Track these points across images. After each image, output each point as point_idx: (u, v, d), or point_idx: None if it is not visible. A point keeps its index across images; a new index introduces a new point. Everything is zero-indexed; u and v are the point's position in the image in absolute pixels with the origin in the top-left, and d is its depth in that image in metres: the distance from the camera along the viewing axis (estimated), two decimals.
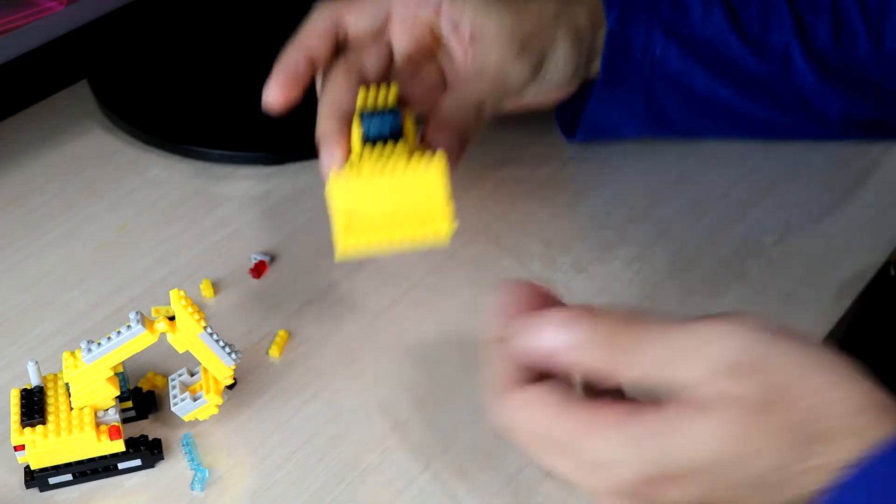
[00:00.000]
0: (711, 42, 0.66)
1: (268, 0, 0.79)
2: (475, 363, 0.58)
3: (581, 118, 0.68)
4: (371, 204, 0.49)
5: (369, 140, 0.52)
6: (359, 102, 0.54)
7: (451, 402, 0.56)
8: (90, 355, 0.49)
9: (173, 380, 0.54)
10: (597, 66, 0.64)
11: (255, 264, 0.63)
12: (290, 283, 0.62)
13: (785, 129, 0.70)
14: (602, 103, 0.66)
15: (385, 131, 0.52)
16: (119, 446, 0.51)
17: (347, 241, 0.49)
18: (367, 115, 0.52)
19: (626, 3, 0.64)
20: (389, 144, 0.51)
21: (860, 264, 0.64)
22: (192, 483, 0.52)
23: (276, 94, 0.57)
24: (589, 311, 0.42)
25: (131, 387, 0.55)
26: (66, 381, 0.50)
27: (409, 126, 0.53)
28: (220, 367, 0.52)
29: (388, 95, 0.54)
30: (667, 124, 0.69)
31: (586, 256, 0.64)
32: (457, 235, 0.50)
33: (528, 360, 0.42)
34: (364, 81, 0.57)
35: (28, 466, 0.52)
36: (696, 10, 0.65)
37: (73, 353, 0.50)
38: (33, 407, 0.51)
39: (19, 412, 0.50)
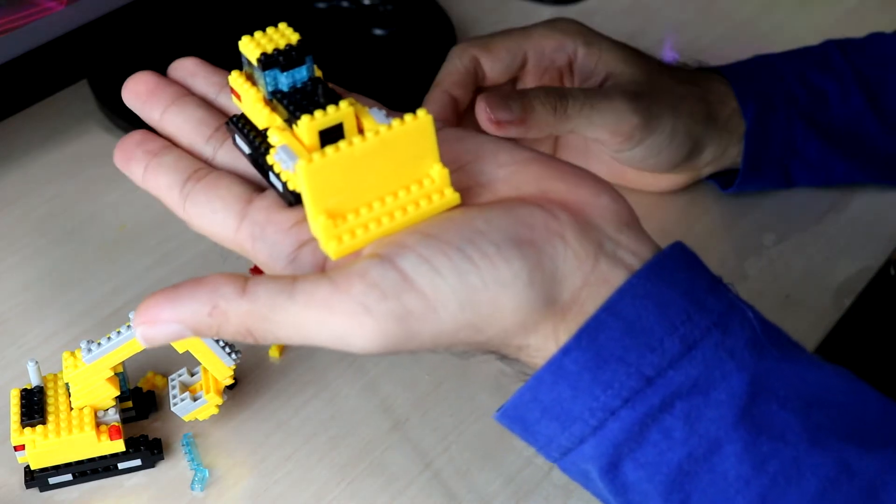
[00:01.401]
0: (850, 126, 0.63)
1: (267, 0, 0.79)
2: (475, 363, 0.58)
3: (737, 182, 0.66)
4: (353, 183, 0.39)
5: (278, 98, 0.41)
6: (248, 50, 0.42)
7: (451, 402, 0.56)
8: (90, 355, 0.49)
9: (173, 380, 0.54)
10: (706, 156, 0.63)
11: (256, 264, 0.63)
12: None
13: None
14: (741, 191, 0.65)
15: (302, 82, 0.41)
16: (119, 446, 0.51)
17: (339, 242, 0.39)
18: (269, 63, 0.41)
19: (762, 95, 0.62)
20: (308, 99, 0.41)
21: (860, 264, 0.64)
22: (192, 483, 0.52)
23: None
24: None
25: (131, 387, 0.55)
26: (66, 381, 0.50)
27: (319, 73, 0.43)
28: (220, 367, 0.52)
29: (286, 35, 0.42)
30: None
31: None
32: None
33: None
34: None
35: (28, 466, 0.52)
36: (833, 94, 0.63)
37: (73, 353, 0.50)
38: (33, 407, 0.51)
39: (19, 412, 0.50)
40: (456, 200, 0.40)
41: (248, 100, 0.42)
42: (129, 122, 0.72)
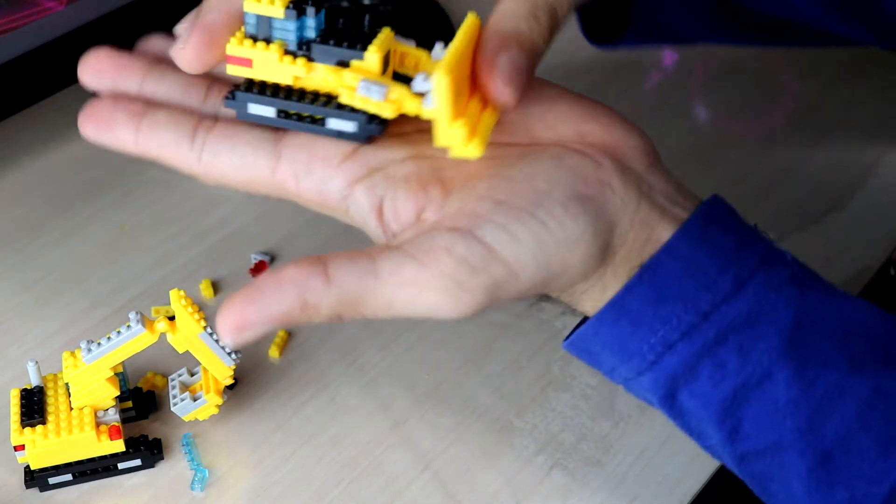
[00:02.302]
0: None
1: None
2: (475, 363, 0.58)
3: (634, 11, 0.59)
4: (458, 87, 0.39)
5: (309, 45, 0.41)
6: (261, 8, 0.41)
7: (451, 402, 0.56)
8: (90, 355, 0.49)
9: (173, 380, 0.54)
10: None
11: (256, 264, 0.63)
12: None
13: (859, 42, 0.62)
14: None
15: (322, 27, 0.42)
16: (119, 446, 0.51)
17: (477, 141, 0.39)
18: (293, 13, 0.41)
19: None
20: (344, 36, 0.41)
21: (860, 264, 0.64)
22: (192, 483, 0.52)
23: (194, 55, 0.42)
24: None
25: (131, 387, 0.55)
26: (66, 381, 0.50)
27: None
28: (220, 367, 0.52)
29: None
30: (740, 23, 0.61)
31: None
32: None
33: None
34: None
35: (28, 466, 0.52)
36: None
37: (73, 353, 0.50)
38: (33, 407, 0.51)
39: (19, 412, 0.50)
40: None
41: (270, 57, 0.41)
42: None
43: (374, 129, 0.41)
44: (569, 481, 0.53)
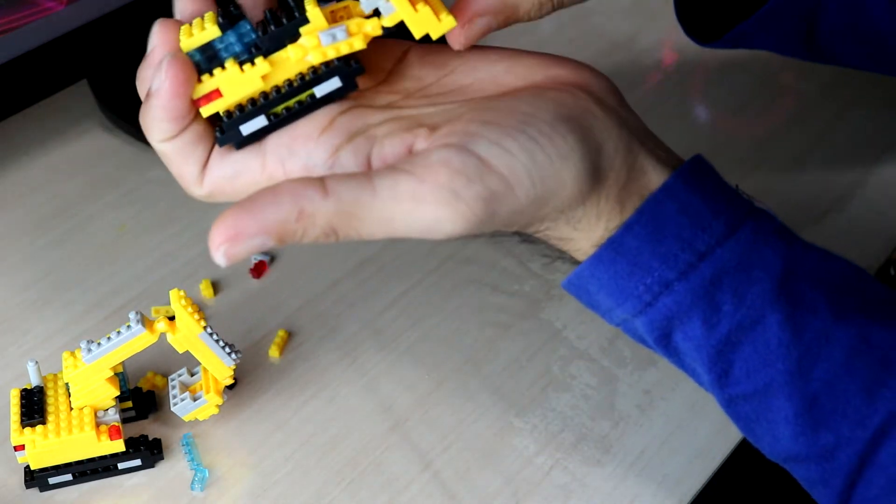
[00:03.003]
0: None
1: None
2: (475, 363, 0.58)
3: (729, 33, 0.61)
4: None
5: (256, 45, 0.42)
6: (196, 40, 0.42)
7: (451, 402, 0.56)
8: (90, 355, 0.49)
9: (173, 380, 0.54)
10: None
11: (255, 264, 0.63)
12: (290, 283, 0.62)
13: None
14: (758, 23, 0.60)
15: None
16: (119, 446, 0.51)
17: (442, 13, 0.41)
18: (234, 19, 0.42)
19: None
20: (275, 19, 0.42)
21: (860, 264, 0.64)
22: (192, 483, 0.52)
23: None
24: None
25: (131, 387, 0.55)
26: (66, 381, 0.50)
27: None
28: (220, 367, 0.52)
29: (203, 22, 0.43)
30: (818, 53, 0.63)
31: None
32: None
33: None
34: None
35: (28, 466, 0.52)
36: None
37: (73, 353, 0.50)
38: (33, 407, 0.51)
39: (19, 412, 0.50)
40: None
41: (233, 74, 0.42)
42: (129, 121, 0.72)
43: (357, 69, 0.42)
44: (569, 481, 0.53)
